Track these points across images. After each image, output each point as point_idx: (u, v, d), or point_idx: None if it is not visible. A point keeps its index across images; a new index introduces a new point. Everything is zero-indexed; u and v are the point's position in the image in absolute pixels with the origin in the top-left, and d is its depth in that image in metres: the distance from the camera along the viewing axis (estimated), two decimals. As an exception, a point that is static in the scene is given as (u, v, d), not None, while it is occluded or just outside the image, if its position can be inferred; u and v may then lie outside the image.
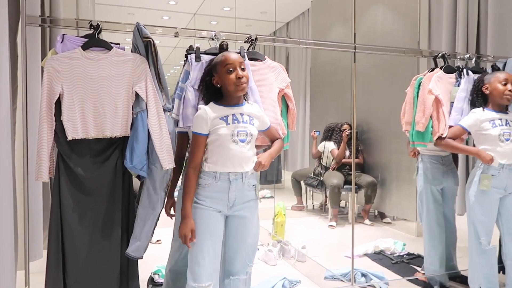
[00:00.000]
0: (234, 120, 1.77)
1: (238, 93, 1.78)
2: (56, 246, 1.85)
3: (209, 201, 1.77)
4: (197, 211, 1.77)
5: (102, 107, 1.87)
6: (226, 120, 1.76)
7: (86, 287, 1.89)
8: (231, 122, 1.76)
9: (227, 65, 1.76)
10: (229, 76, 1.75)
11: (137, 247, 1.90)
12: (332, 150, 4.31)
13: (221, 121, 1.75)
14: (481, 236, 2.35)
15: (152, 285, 2.64)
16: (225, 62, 1.76)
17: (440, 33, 3.47)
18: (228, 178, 1.76)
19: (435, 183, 2.70)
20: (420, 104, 2.51)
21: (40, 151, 1.80)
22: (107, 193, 1.90)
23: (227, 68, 1.75)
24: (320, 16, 4.79)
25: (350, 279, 2.72)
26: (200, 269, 1.73)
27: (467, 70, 2.62)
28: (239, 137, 1.76)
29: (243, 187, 1.79)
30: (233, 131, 1.75)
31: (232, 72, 1.75)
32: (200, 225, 1.76)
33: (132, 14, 4.73)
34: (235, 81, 1.75)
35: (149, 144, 1.91)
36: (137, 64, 1.91)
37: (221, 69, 1.77)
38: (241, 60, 1.78)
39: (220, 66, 1.77)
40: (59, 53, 1.86)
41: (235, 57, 1.78)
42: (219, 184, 1.76)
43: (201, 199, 1.77)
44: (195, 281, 1.73)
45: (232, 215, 1.82)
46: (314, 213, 4.62)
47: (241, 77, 1.75)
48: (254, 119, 1.84)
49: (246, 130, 1.78)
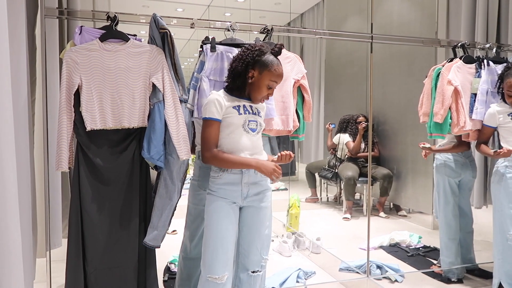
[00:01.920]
0: (245, 110, 1.77)
1: (256, 102, 1.80)
2: (76, 234, 1.89)
3: (223, 192, 1.75)
4: (210, 200, 1.76)
5: (120, 98, 1.89)
6: (238, 110, 1.76)
7: (105, 275, 1.93)
8: (242, 112, 1.76)
9: (272, 80, 1.75)
10: (264, 89, 1.75)
11: (154, 236, 1.93)
12: (347, 142, 4.28)
13: (234, 110, 1.75)
14: (510, 230, 2.29)
15: (169, 274, 2.68)
16: (273, 77, 1.74)
17: (459, 22, 3.39)
18: (240, 170, 1.74)
19: (453, 175, 2.66)
20: (438, 95, 2.47)
21: (60, 141, 1.83)
22: (125, 183, 1.93)
23: (269, 83, 1.74)
24: (335, 7, 4.73)
25: (365, 271, 2.71)
26: (214, 260, 1.71)
27: (488, 60, 2.56)
28: (249, 127, 1.76)
29: (256, 178, 1.78)
30: (245, 121, 1.75)
31: (270, 88, 1.76)
32: (214, 215, 1.74)
33: (146, 7, 4.74)
34: (264, 96, 1.77)
35: (166, 134, 1.92)
36: (154, 55, 1.92)
37: (265, 76, 1.73)
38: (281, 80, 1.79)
39: (266, 73, 1.73)
40: (78, 44, 1.88)
41: (281, 77, 1.77)
42: (231, 176, 1.74)
43: (214, 189, 1.76)
44: (209, 272, 1.70)
45: (246, 206, 1.80)
46: (328, 206, 4.60)
47: (271, 94, 1.78)
48: (261, 112, 1.86)
49: (256, 120, 1.79)
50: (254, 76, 1.74)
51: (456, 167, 2.66)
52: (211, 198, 1.77)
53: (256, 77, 1.74)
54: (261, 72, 1.73)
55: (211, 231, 1.73)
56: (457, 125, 2.46)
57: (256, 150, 1.78)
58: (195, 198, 2.08)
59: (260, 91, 1.75)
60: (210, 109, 1.72)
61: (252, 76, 1.74)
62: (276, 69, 1.74)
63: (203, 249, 1.76)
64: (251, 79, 1.74)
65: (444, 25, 3.54)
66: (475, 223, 2.80)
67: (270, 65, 1.73)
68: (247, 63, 1.73)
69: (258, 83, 1.74)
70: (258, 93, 1.76)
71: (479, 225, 3.00)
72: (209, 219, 1.75)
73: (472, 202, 3.29)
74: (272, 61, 1.74)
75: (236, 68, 1.75)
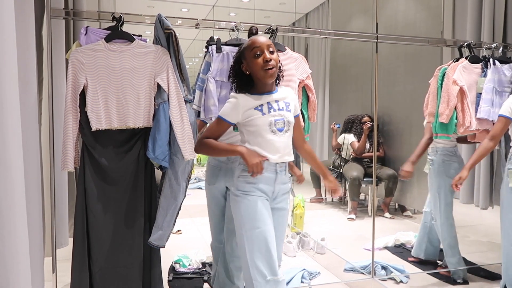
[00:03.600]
0: (270, 108, 1.66)
1: (267, 79, 1.65)
2: (81, 234, 1.90)
3: (258, 191, 1.66)
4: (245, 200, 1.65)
5: (125, 99, 1.90)
6: (261, 110, 1.65)
7: (110, 274, 1.94)
8: (266, 111, 1.66)
9: (254, 48, 1.63)
10: (256, 61, 1.63)
11: (159, 236, 1.93)
12: (352, 142, 4.27)
13: (256, 111, 1.65)
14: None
15: (173, 273, 2.68)
16: (252, 45, 1.64)
17: (464, 21, 3.37)
18: (275, 169, 1.67)
19: (453, 175, 2.64)
20: (444, 95, 2.45)
21: (65, 141, 1.84)
22: (130, 183, 1.94)
23: (254, 52, 1.63)
24: (340, 7, 4.72)
25: (370, 271, 2.70)
26: (272, 261, 1.61)
27: (494, 60, 2.54)
28: (276, 127, 1.66)
29: (284, 179, 1.72)
30: (270, 121, 1.65)
31: (259, 56, 1.62)
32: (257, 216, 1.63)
33: (151, 7, 4.76)
34: (263, 65, 1.62)
35: (170, 135, 1.93)
36: (159, 55, 1.93)
37: (249, 53, 1.64)
38: (269, 43, 1.65)
39: (247, 51, 1.65)
40: (83, 45, 1.90)
41: (263, 40, 1.65)
42: (266, 175, 1.66)
43: (247, 190, 1.66)
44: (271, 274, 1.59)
45: (274, 208, 1.73)
46: (333, 206, 4.59)
47: (268, 60, 1.62)
48: (290, 104, 1.73)
49: (283, 118, 1.68)
50: (245, 64, 1.68)
51: (456, 168, 2.64)
52: (246, 199, 1.65)
53: (246, 64, 1.67)
54: (245, 56, 1.67)
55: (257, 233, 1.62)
56: (463, 125, 2.44)
57: (286, 151, 1.69)
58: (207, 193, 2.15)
59: (254, 67, 1.64)
60: (226, 109, 1.67)
61: (245, 67, 1.68)
62: (252, 40, 1.66)
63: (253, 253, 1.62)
64: (247, 70, 1.68)
65: (450, 24, 3.52)
66: (480, 224, 2.78)
67: (247, 44, 1.67)
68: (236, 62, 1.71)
69: (249, 65, 1.66)
70: (256, 71, 1.64)
71: (485, 226, 2.99)
72: (251, 221, 1.63)
73: (478, 203, 3.27)
74: (247, 41, 1.68)
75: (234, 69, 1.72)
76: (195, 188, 5.36)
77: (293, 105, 1.76)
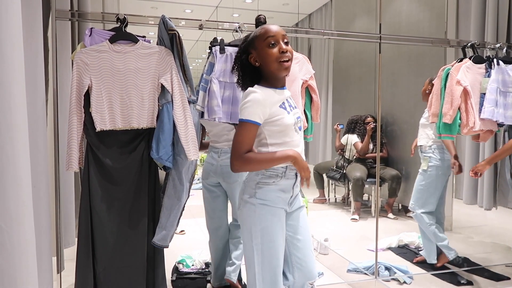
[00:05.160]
0: (290, 106, 1.53)
1: (282, 72, 1.47)
2: (85, 234, 1.91)
3: (279, 201, 1.52)
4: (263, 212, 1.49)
5: (129, 99, 1.91)
6: (285, 108, 1.50)
7: (114, 274, 1.95)
8: (289, 109, 1.51)
9: (269, 37, 1.45)
10: (271, 51, 1.45)
11: (162, 236, 1.94)
12: (355, 143, 4.27)
13: (281, 109, 1.48)
14: None
15: (177, 273, 2.69)
16: (266, 34, 1.46)
17: (468, 22, 3.36)
18: (295, 173, 1.54)
19: (448, 172, 2.69)
20: (447, 96, 2.45)
21: (70, 142, 1.86)
22: (134, 183, 1.95)
23: (269, 42, 1.45)
24: (343, 7, 4.72)
25: (373, 272, 2.70)
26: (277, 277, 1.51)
27: (498, 60, 2.54)
28: (298, 125, 1.54)
29: (298, 181, 1.58)
30: (294, 120, 1.52)
31: (274, 46, 1.45)
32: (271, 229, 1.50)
33: (155, 8, 4.78)
34: (278, 56, 1.45)
35: (174, 135, 1.94)
36: (163, 56, 1.94)
37: (261, 43, 1.46)
38: (284, 33, 1.48)
39: (259, 40, 1.47)
40: (88, 46, 1.91)
41: (277, 29, 1.48)
42: (287, 182, 1.52)
43: (268, 199, 1.50)
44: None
45: (292, 210, 1.60)
46: (336, 206, 4.59)
47: (285, 51, 1.45)
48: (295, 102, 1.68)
49: (300, 116, 1.58)
50: (255, 55, 1.49)
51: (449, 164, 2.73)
52: (264, 209, 1.49)
53: (257, 54, 1.48)
54: (256, 46, 1.48)
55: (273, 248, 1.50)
56: (467, 126, 2.44)
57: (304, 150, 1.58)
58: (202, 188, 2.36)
59: (268, 58, 1.46)
60: (252, 109, 1.42)
61: (255, 58, 1.49)
62: (265, 28, 1.48)
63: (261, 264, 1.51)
64: (256, 61, 1.49)
65: (454, 25, 3.51)
66: (484, 225, 2.79)
67: (258, 32, 1.49)
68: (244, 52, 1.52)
69: (261, 56, 1.47)
70: (269, 62, 1.46)
71: (489, 226, 2.98)
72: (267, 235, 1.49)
73: (482, 204, 3.26)
74: (258, 29, 1.50)
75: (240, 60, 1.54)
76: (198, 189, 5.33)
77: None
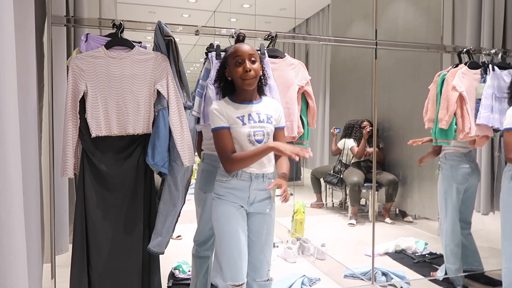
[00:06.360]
0: (250, 120, 1.71)
1: (245, 87, 1.70)
2: (80, 240, 1.90)
3: (231, 197, 1.72)
4: (220, 205, 1.72)
5: (125, 105, 1.90)
6: (242, 120, 1.70)
7: (109, 280, 1.94)
8: (247, 121, 1.70)
9: (236, 57, 1.68)
10: (237, 69, 1.68)
11: (158, 243, 1.93)
12: (352, 147, 4.27)
13: (237, 119, 1.70)
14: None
15: (173, 279, 2.68)
16: (235, 54, 1.69)
17: (464, 27, 3.38)
18: (250, 177, 1.72)
19: (461, 181, 2.63)
20: (443, 101, 2.46)
21: (65, 148, 1.85)
22: (129, 189, 1.94)
23: (236, 60, 1.68)
24: (340, 13, 4.74)
25: (370, 278, 2.69)
26: (233, 266, 1.66)
27: (493, 65, 2.55)
28: (255, 138, 1.69)
29: (263, 185, 1.75)
30: (250, 132, 1.69)
31: (240, 64, 1.68)
32: (225, 220, 1.70)
33: (153, 13, 4.79)
34: (241, 74, 1.67)
35: (170, 141, 1.93)
36: (159, 62, 1.94)
37: (231, 61, 1.70)
38: (251, 52, 1.70)
39: (230, 58, 1.71)
40: (83, 52, 1.90)
41: (245, 49, 1.69)
42: (240, 182, 1.72)
43: (222, 194, 1.72)
44: (231, 279, 1.65)
45: (253, 212, 1.77)
46: (333, 211, 4.58)
47: (248, 70, 1.67)
48: (272, 117, 1.77)
49: (263, 130, 1.71)
50: (228, 70, 1.74)
51: (465, 174, 2.63)
52: (218, 203, 1.73)
53: (229, 70, 1.73)
54: (228, 63, 1.73)
55: (224, 237, 1.69)
56: (462, 131, 2.45)
57: (264, 163, 1.72)
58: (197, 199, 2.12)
59: (234, 75, 1.70)
60: (214, 119, 1.70)
61: (228, 73, 1.74)
62: (235, 48, 1.71)
63: (219, 256, 1.71)
64: (229, 76, 1.74)
65: (450, 30, 3.52)
66: (481, 230, 2.78)
67: (230, 51, 1.72)
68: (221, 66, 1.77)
69: (231, 72, 1.72)
70: (235, 78, 1.70)
71: (486, 231, 2.97)
72: (220, 225, 1.71)
73: (479, 208, 3.26)
74: (231, 47, 1.74)
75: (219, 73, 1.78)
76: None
77: (276, 118, 1.78)
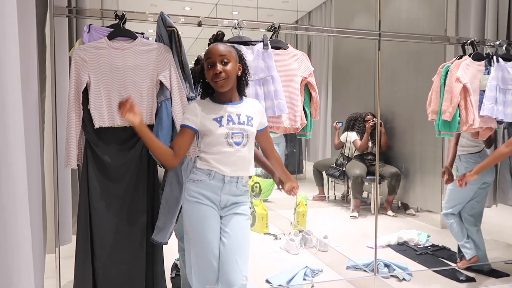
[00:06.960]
0: (229, 121, 1.65)
1: (218, 89, 1.65)
2: (84, 231, 1.91)
3: (203, 197, 1.66)
4: (193, 206, 1.65)
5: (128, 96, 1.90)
6: (220, 121, 1.64)
7: (113, 271, 1.95)
8: (225, 123, 1.64)
9: (208, 59, 1.64)
10: (208, 72, 1.64)
11: (162, 233, 1.94)
12: (354, 140, 4.26)
13: (214, 122, 1.64)
14: None
15: (176, 270, 2.69)
16: (206, 55, 1.65)
17: (468, 19, 3.35)
18: (222, 179, 1.66)
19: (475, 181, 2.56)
20: (447, 93, 2.45)
21: (68, 139, 1.85)
22: (132, 180, 1.94)
23: (208, 63, 1.64)
24: (343, 4, 4.71)
25: (372, 269, 2.70)
26: (206, 268, 1.61)
27: (497, 57, 2.53)
28: (234, 140, 1.64)
29: (236, 191, 1.69)
30: (227, 133, 1.63)
31: (212, 67, 1.63)
32: (197, 220, 1.63)
33: (154, 6, 4.77)
34: (213, 76, 1.62)
35: (173, 132, 1.93)
36: (161, 53, 1.93)
37: (204, 62, 1.66)
38: (222, 53, 1.62)
39: (204, 59, 1.66)
40: (86, 43, 1.90)
41: (216, 50, 1.63)
42: (213, 183, 1.65)
43: (194, 195, 1.66)
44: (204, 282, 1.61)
45: (225, 215, 1.70)
46: (335, 204, 4.59)
47: (218, 72, 1.60)
48: (253, 119, 1.70)
49: (242, 132, 1.66)
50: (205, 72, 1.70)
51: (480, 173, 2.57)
52: (191, 203, 1.66)
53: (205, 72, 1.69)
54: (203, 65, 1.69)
55: (198, 238, 1.63)
56: (466, 123, 2.43)
57: (242, 165, 1.67)
58: None
59: (208, 77, 1.65)
60: (186, 115, 1.67)
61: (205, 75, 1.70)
62: (208, 49, 1.65)
63: (192, 257, 1.65)
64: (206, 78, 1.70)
65: (453, 22, 3.50)
66: (484, 222, 2.78)
67: (204, 54, 1.67)
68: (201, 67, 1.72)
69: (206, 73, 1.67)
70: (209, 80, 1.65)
71: (488, 224, 2.97)
72: (193, 226, 1.64)
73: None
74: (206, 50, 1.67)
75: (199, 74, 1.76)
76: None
77: (257, 120, 1.73)
